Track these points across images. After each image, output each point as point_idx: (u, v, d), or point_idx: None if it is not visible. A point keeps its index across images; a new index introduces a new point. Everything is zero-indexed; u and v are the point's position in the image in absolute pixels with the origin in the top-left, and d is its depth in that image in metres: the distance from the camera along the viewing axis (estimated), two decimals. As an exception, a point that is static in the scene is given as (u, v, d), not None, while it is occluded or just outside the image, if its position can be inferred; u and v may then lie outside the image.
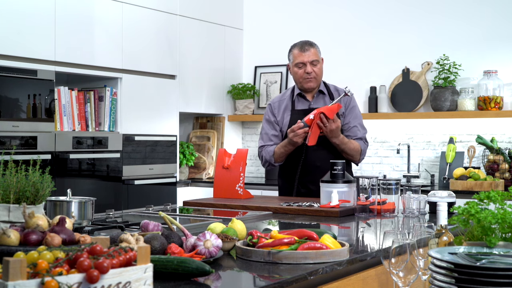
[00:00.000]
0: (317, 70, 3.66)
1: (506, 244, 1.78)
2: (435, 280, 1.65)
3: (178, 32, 5.44)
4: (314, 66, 3.65)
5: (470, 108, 5.06)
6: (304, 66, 3.65)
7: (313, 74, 3.64)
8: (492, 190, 1.95)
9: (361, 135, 3.67)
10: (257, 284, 1.76)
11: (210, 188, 5.07)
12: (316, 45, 3.73)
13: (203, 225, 2.47)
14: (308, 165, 3.60)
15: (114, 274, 1.30)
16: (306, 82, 3.66)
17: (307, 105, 3.70)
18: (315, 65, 3.65)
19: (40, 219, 1.73)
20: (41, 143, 4.27)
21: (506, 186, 4.63)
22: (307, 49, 3.65)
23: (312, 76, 3.65)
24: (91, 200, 2.47)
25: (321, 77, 3.72)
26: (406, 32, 5.47)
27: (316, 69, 3.65)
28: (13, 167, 1.96)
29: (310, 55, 3.64)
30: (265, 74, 6.10)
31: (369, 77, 5.58)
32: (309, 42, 3.72)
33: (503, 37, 5.11)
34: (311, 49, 3.66)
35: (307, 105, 3.70)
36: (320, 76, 3.69)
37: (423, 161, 5.38)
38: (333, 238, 2.02)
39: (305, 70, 3.64)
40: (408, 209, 3.00)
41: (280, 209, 3.11)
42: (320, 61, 3.69)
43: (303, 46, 3.68)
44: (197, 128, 6.11)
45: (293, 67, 3.70)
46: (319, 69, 3.67)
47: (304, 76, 3.65)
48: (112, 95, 4.84)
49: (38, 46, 4.34)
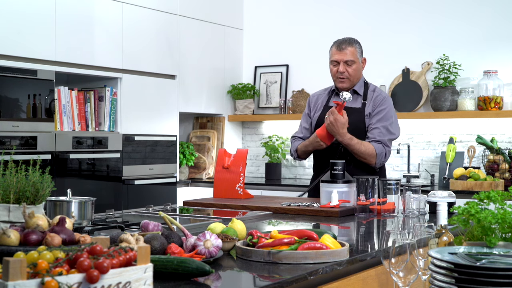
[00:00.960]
0: (352, 70, 3.57)
1: (506, 244, 1.78)
2: (435, 280, 1.65)
3: (178, 32, 5.44)
4: (349, 66, 3.57)
5: (470, 108, 5.06)
6: (338, 65, 3.59)
7: (345, 74, 3.57)
8: (492, 190, 1.95)
9: (381, 137, 3.50)
10: (257, 284, 1.76)
11: (210, 188, 5.07)
12: (357, 44, 3.63)
13: (203, 225, 2.47)
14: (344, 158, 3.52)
15: (114, 274, 1.30)
16: (338, 82, 3.61)
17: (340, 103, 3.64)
18: (350, 65, 3.57)
19: (40, 219, 1.73)
20: (41, 143, 4.27)
21: (506, 186, 4.63)
22: (343, 48, 3.58)
23: (345, 77, 3.57)
24: (91, 200, 2.47)
25: (357, 77, 3.62)
26: (406, 32, 5.47)
27: (350, 70, 3.57)
28: (13, 167, 1.96)
29: (345, 54, 3.56)
30: (265, 74, 6.10)
31: (369, 77, 5.52)
32: (349, 40, 3.63)
33: (503, 37, 5.11)
34: (348, 48, 3.58)
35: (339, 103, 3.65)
36: (354, 76, 3.59)
37: (423, 161, 5.38)
38: (333, 238, 2.02)
39: (338, 69, 3.58)
40: (408, 209, 3.00)
41: (280, 209, 3.11)
42: (357, 62, 3.59)
43: (341, 44, 3.61)
44: (197, 128, 6.11)
45: (329, 64, 3.65)
46: (354, 69, 3.57)
47: (337, 75, 3.60)
48: (112, 95, 4.84)
49: (38, 46, 4.34)
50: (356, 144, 3.44)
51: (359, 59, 3.62)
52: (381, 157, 3.50)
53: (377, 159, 3.49)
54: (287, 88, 5.97)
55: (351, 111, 3.56)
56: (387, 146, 3.53)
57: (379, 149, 3.48)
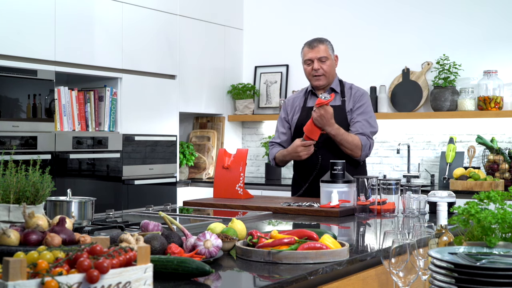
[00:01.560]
0: (326, 67, 3.59)
1: (506, 244, 1.78)
2: (435, 280, 1.65)
3: (178, 32, 5.44)
4: (323, 63, 3.59)
5: (470, 108, 5.06)
6: (312, 63, 3.60)
7: (320, 71, 3.59)
8: (492, 190, 1.95)
9: (364, 130, 3.55)
10: (257, 284, 1.76)
11: (210, 188, 5.07)
12: (328, 42, 3.66)
13: (203, 225, 2.47)
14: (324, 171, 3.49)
15: (114, 274, 1.30)
16: (314, 80, 3.62)
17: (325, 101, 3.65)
18: (324, 62, 3.59)
19: (40, 219, 1.73)
20: (41, 143, 4.27)
21: (506, 186, 4.63)
22: (315, 46, 3.60)
23: (320, 74, 3.59)
24: (91, 200, 2.47)
25: (332, 74, 3.64)
26: (406, 32, 5.47)
27: (325, 66, 3.59)
28: (13, 167, 1.96)
29: (318, 51, 3.59)
30: (265, 74, 6.10)
31: (369, 77, 5.57)
32: (320, 39, 3.66)
33: (503, 37, 5.11)
34: (320, 45, 3.61)
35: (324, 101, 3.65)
36: (330, 73, 3.61)
37: (423, 161, 5.38)
38: (333, 238, 2.02)
39: (312, 67, 3.60)
40: (408, 209, 3.00)
41: (280, 209, 3.11)
42: (330, 58, 3.61)
43: (312, 43, 3.63)
44: (197, 128, 6.11)
45: (303, 64, 3.67)
46: (328, 66, 3.60)
47: (312, 73, 3.61)
48: (112, 95, 4.84)
49: (38, 46, 4.34)
50: (344, 134, 3.46)
51: (332, 55, 3.64)
52: (366, 149, 3.54)
53: (363, 151, 3.53)
54: (287, 88, 5.97)
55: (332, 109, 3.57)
56: (370, 138, 3.59)
57: (364, 140, 3.53)
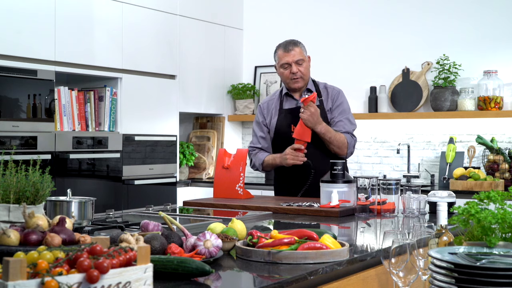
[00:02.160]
0: (303, 69, 3.60)
1: (506, 244, 1.78)
2: (435, 280, 1.65)
3: (178, 32, 5.44)
4: (300, 65, 3.59)
5: (470, 108, 5.06)
6: (289, 67, 3.60)
7: (299, 73, 3.59)
8: (492, 190, 1.95)
9: (347, 129, 3.59)
10: (257, 284, 1.76)
11: (210, 188, 5.07)
12: (301, 44, 3.67)
13: (203, 225, 2.47)
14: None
15: (114, 274, 1.30)
16: (293, 83, 3.62)
17: (295, 104, 3.66)
18: (301, 65, 3.59)
19: (40, 219, 1.73)
20: (41, 143, 4.27)
21: (506, 186, 4.63)
22: (291, 49, 3.60)
23: (298, 76, 3.60)
24: (91, 200, 2.47)
25: (308, 75, 3.67)
26: (406, 32, 5.47)
27: (302, 69, 3.60)
28: (13, 167, 1.96)
29: (294, 55, 3.59)
30: (265, 74, 6.10)
31: (369, 77, 5.57)
32: (293, 41, 3.66)
33: (503, 37, 5.11)
34: (295, 48, 3.61)
35: (294, 104, 3.67)
36: (306, 75, 3.64)
37: (423, 161, 5.38)
38: (333, 238, 2.02)
39: (290, 71, 3.59)
40: (408, 209, 3.00)
41: (280, 209, 3.11)
42: (306, 60, 3.63)
43: (287, 46, 3.62)
44: (197, 128, 6.11)
45: (279, 68, 3.65)
46: (305, 68, 3.61)
47: (290, 77, 3.60)
48: (112, 95, 4.84)
49: (38, 46, 4.34)
50: (333, 132, 3.49)
51: (306, 57, 3.65)
52: (351, 146, 3.58)
53: (349, 149, 3.57)
54: (287, 88, 5.97)
55: None
56: (353, 136, 3.63)
57: (349, 138, 3.57)
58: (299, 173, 3.55)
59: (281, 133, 3.64)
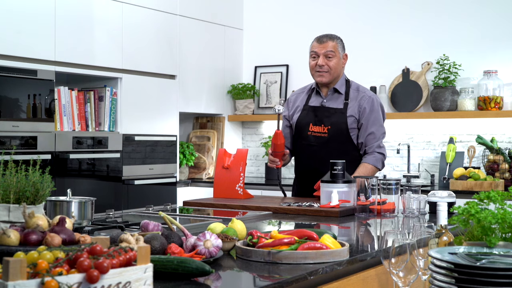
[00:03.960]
0: (332, 64, 3.46)
1: (506, 244, 1.78)
2: (435, 280, 1.65)
3: (178, 32, 5.44)
4: (329, 59, 3.46)
5: (470, 108, 5.06)
6: (317, 57, 3.48)
7: (325, 67, 3.46)
8: (492, 190, 1.95)
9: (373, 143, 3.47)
10: (257, 284, 1.76)
11: (210, 188, 5.07)
12: (338, 40, 3.52)
13: (203, 225, 2.47)
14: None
15: (114, 274, 1.30)
16: (317, 76, 3.51)
17: (320, 102, 3.57)
18: (330, 59, 3.46)
19: (40, 219, 1.73)
20: (41, 143, 4.27)
21: (506, 186, 4.63)
22: (324, 41, 3.47)
23: (324, 70, 3.47)
24: (91, 200, 2.47)
25: (337, 73, 3.51)
26: (406, 32, 5.47)
27: (331, 63, 3.46)
28: (13, 167, 1.96)
29: (325, 46, 3.46)
30: (265, 74, 6.10)
31: (369, 77, 5.57)
32: (331, 35, 3.52)
33: (503, 37, 5.11)
34: (329, 41, 3.47)
35: (319, 102, 3.57)
36: (335, 71, 3.48)
37: (423, 161, 5.38)
38: (333, 238, 2.02)
39: (317, 62, 3.48)
40: (408, 209, 3.00)
41: (280, 209, 3.11)
42: (338, 56, 3.47)
43: (322, 37, 3.50)
44: (197, 128, 6.11)
45: (309, 58, 3.55)
46: (334, 63, 3.46)
47: (315, 68, 3.49)
48: (112, 95, 4.84)
49: (38, 46, 4.34)
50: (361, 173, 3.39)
51: (340, 54, 3.51)
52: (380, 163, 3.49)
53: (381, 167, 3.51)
54: (287, 88, 5.97)
55: (332, 111, 3.52)
56: (381, 147, 3.51)
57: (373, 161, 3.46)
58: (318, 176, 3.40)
59: (300, 129, 3.57)
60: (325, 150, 3.49)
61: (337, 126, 3.48)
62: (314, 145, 3.53)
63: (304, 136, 3.55)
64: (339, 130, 3.49)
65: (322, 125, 3.51)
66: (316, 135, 3.53)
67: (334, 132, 3.48)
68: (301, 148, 3.59)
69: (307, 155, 3.57)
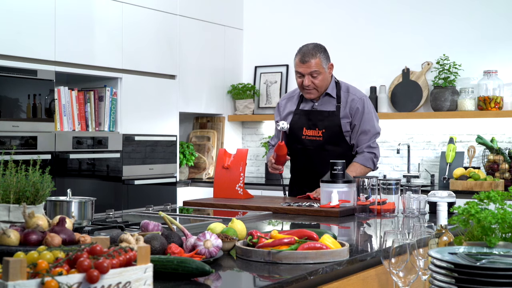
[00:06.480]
0: (318, 82, 3.46)
1: (506, 244, 1.78)
2: (435, 280, 1.65)
3: (178, 32, 5.44)
4: (314, 78, 3.45)
5: (470, 108, 5.06)
6: (302, 77, 3.48)
7: (311, 86, 3.47)
8: (492, 190, 1.95)
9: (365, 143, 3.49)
10: (257, 284, 1.76)
11: (210, 188, 5.07)
12: (321, 54, 3.47)
13: (203, 225, 2.47)
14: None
15: (114, 274, 1.30)
16: (305, 93, 3.53)
17: (311, 106, 3.59)
18: (315, 77, 3.45)
19: (40, 219, 1.73)
20: (41, 143, 4.27)
21: (506, 186, 4.63)
22: (306, 61, 3.43)
23: (311, 88, 3.49)
24: (91, 200, 2.47)
25: (325, 86, 3.52)
26: (406, 32, 5.47)
27: (317, 81, 3.46)
28: (13, 167, 1.96)
29: (309, 67, 3.43)
30: (265, 74, 6.10)
31: (369, 77, 5.57)
32: (313, 51, 3.46)
33: (503, 37, 5.11)
34: (312, 60, 3.42)
35: (310, 106, 3.59)
36: (321, 86, 3.49)
37: (423, 161, 5.38)
38: (333, 238, 2.02)
39: (303, 81, 3.47)
40: (408, 209, 3.00)
41: (280, 209, 3.11)
42: (323, 72, 3.46)
43: (304, 56, 3.44)
44: (197, 128, 6.11)
45: (295, 74, 3.54)
46: (320, 80, 3.46)
47: (303, 86, 3.50)
48: (112, 95, 4.84)
49: (38, 46, 4.34)
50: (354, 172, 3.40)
51: (325, 68, 3.48)
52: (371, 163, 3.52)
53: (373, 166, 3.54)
54: (287, 88, 5.97)
55: (325, 114, 3.53)
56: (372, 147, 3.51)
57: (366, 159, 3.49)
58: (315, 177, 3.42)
59: (293, 133, 3.59)
60: (321, 153, 3.52)
61: (331, 129, 3.50)
62: (310, 149, 3.55)
63: (299, 140, 3.58)
64: (334, 133, 3.50)
65: (317, 128, 3.53)
66: (310, 138, 3.54)
67: (329, 135, 3.50)
68: (297, 151, 3.61)
69: (304, 158, 3.59)
